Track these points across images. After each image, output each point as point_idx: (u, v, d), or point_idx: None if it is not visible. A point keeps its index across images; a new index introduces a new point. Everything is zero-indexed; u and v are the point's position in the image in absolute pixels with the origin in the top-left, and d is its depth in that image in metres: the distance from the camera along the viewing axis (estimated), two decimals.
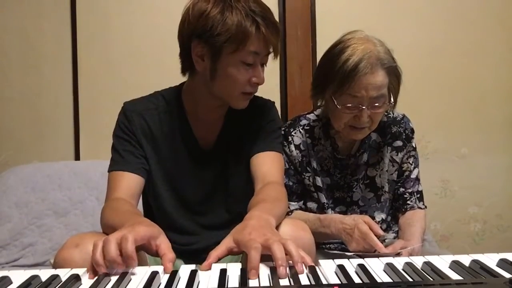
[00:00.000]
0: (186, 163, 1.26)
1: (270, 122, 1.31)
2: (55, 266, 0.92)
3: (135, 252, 0.79)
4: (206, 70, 1.16)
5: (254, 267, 0.77)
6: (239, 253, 0.89)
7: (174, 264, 0.83)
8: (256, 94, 1.24)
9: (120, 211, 1.04)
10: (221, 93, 1.19)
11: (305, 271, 0.78)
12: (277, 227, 0.99)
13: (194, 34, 1.13)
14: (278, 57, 1.22)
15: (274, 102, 1.36)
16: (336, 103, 1.29)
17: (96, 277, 0.76)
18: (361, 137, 1.37)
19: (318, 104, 1.45)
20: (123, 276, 0.76)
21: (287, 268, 0.77)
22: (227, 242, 0.89)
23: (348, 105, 1.27)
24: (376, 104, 1.27)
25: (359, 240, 1.20)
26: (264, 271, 0.78)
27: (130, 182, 1.17)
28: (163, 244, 0.86)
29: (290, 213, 1.40)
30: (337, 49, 1.30)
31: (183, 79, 1.27)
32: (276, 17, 2.02)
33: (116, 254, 0.78)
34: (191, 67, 1.19)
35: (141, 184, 1.20)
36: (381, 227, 1.42)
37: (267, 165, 1.22)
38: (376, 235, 1.18)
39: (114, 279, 0.76)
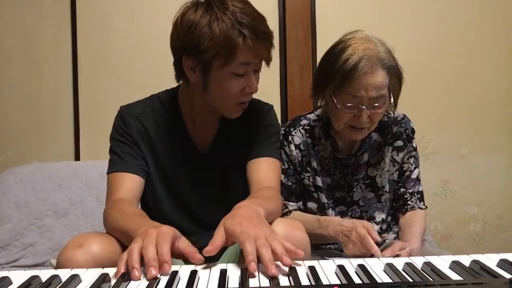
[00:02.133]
0: (183, 165, 1.26)
1: (268, 126, 1.31)
2: (58, 266, 0.92)
3: (171, 257, 0.80)
4: (198, 81, 1.16)
5: (253, 259, 0.78)
6: (231, 245, 0.89)
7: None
8: (257, 95, 1.24)
9: (128, 214, 1.04)
10: (215, 103, 1.19)
11: (306, 270, 0.78)
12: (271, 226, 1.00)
13: (183, 48, 1.12)
14: (278, 58, 1.21)
15: (272, 106, 1.36)
16: (335, 103, 1.29)
17: (97, 278, 0.76)
18: (361, 137, 1.37)
19: (318, 104, 1.45)
20: (124, 276, 0.76)
21: (286, 268, 0.77)
22: (221, 233, 0.88)
23: (347, 104, 1.27)
24: (376, 104, 1.27)
25: (356, 242, 1.20)
26: (264, 271, 0.78)
27: (132, 183, 1.17)
28: (183, 244, 0.88)
29: (288, 214, 1.40)
30: (337, 49, 1.30)
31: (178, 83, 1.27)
32: (276, 19, 2.08)
33: (156, 259, 0.79)
34: (184, 76, 1.19)
35: (142, 185, 1.20)
36: (381, 227, 1.42)
37: (263, 171, 1.23)
38: (373, 240, 1.18)
39: (114, 279, 0.76)
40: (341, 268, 0.77)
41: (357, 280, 0.74)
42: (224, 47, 1.07)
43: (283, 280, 0.74)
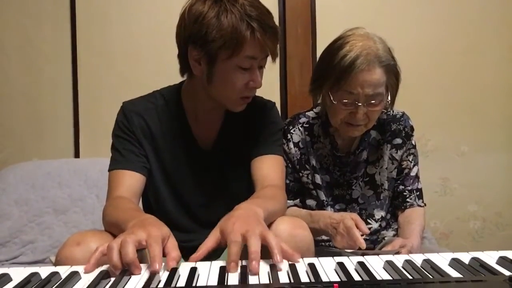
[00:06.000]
0: (185, 162, 1.26)
1: (271, 124, 1.30)
2: (56, 264, 0.92)
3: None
4: (203, 74, 1.15)
5: (233, 260, 0.78)
6: (225, 245, 0.88)
7: (178, 263, 0.83)
8: (257, 92, 1.23)
9: (123, 208, 1.04)
10: (218, 96, 1.18)
11: (305, 268, 0.78)
12: (274, 225, 1.00)
13: (190, 39, 1.12)
14: (278, 55, 1.21)
15: (274, 103, 1.36)
16: (332, 99, 1.29)
17: (96, 275, 0.76)
18: (358, 134, 1.37)
19: (317, 100, 1.45)
20: (123, 273, 0.76)
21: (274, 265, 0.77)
22: (215, 234, 0.89)
23: (344, 101, 1.27)
24: (372, 102, 1.26)
25: (343, 234, 1.20)
26: (263, 268, 0.78)
27: (132, 181, 1.17)
28: (170, 243, 0.86)
29: None
30: (336, 45, 1.30)
31: (182, 77, 1.27)
32: (276, 16, 2.07)
33: (134, 257, 0.78)
34: (189, 69, 1.19)
35: (143, 182, 1.20)
36: (380, 225, 1.43)
37: (267, 169, 1.22)
38: (361, 233, 1.18)
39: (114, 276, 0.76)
40: (341, 265, 0.77)
41: (356, 278, 0.74)
42: (231, 38, 1.07)
43: (283, 277, 0.74)
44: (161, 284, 0.73)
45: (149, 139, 1.24)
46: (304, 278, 0.73)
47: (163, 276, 0.76)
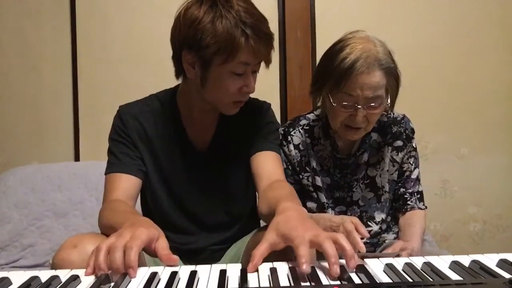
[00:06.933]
0: (181, 165, 1.26)
1: (269, 124, 1.31)
2: (53, 267, 0.92)
3: (137, 263, 0.79)
4: (197, 77, 1.15)
5: (307, 261, 0.76)
6: (282, 249, 0.85)
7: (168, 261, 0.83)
8: (256, 94, 1.24)
9: (119, 211, 1.04)
10: (212, 100, 1.19)
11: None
12: None
13: (184, 42, 1.12)
14: (278, 58, 1.21)
15: (270, 104, 1.36)
16: (332, 101, 1.29)
17: (96, 278, 0.76)
18: (357, 137, 1.37)
19: (317, 102, 1.45)
20: (123, 276, 0.76)
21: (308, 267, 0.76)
22: (270, 238, 0.84)
23: (343, 103, 1.27)
24: (372, 104, 1.27)
25: None
26: (264, 271, 0.78)
27: (128, 184, 1.17)
28: (158, 243, 0.85)
29: None
30: (337, 47, 1.30)
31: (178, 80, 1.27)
32: (276, 19, 2.08)
33: (121, 263, 0.77)
34: (183, 72, 1.19)
35: (139, 185, 1.20)
36: (381, 227, 1.42)
37: (271, 164, 1.22)
38: (361, 236, 1.17)
39: (113, 279, 0.76)
40: (341, 268, 0.77)
41: (357, 280, 0.74)
42: (226, 45, 1.07)
43: (283, 280, 0.74)
44: (161, 287, 0.73)
45: (145, 142, 1.24)
46: (304, 281, 0.73)
47: (163, 279, 0.76)
